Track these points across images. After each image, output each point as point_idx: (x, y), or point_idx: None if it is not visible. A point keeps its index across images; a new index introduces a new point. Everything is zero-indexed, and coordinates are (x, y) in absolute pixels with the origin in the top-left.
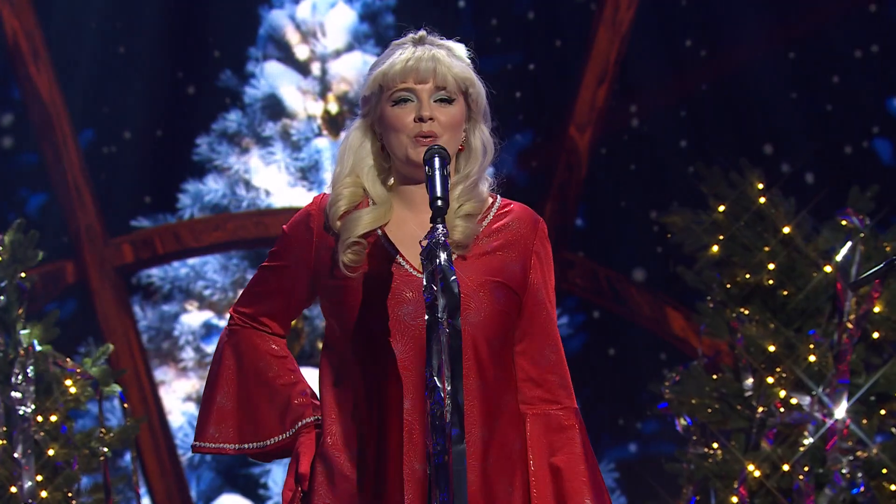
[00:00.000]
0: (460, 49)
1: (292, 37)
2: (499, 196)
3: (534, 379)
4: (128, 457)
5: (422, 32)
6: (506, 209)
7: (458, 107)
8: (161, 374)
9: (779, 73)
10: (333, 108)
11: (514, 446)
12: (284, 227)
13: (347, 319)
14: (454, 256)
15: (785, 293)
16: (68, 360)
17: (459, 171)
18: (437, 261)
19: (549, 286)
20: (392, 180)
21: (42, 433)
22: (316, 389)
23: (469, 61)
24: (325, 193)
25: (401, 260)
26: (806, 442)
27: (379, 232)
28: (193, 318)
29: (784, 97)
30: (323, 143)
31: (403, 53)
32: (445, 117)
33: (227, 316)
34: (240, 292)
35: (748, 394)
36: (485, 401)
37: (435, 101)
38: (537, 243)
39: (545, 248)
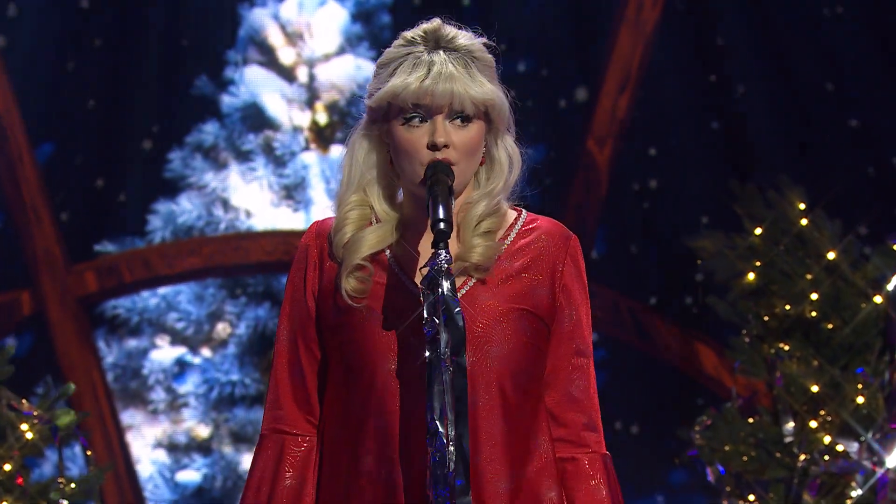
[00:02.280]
0: (480, 49)
1: (276, 39)
2: (524, 210)
3: (556, 419)
4: None
5: (436, 24)
6: (532, 225)
7: (476, 126)
8: (128, 417)
9: (822, 82)
10: (322, 118)
11: (546, 497)
12: (287, 277)
13: (355, 359)
14: (473, 282)
15: (829, 326)
16: (24, 401)
17: (480, 186)
18: (440, 290)
19: (581, 313)
20: (401, 195)
21: None
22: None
23: (490, 61)
24: (317, 221)
25: (412, 286)
26: (854, 494)
27: (387, 254)
28: (165, 354)
29: (832, 112)
30: (310, 157)
31: (418, 67)
32: (462, 140)
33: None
34: (216, 325)
35: (788, 439)
36: (511, 446)
37: (451, 121)
38: (568, 262)
39: (577, 269)
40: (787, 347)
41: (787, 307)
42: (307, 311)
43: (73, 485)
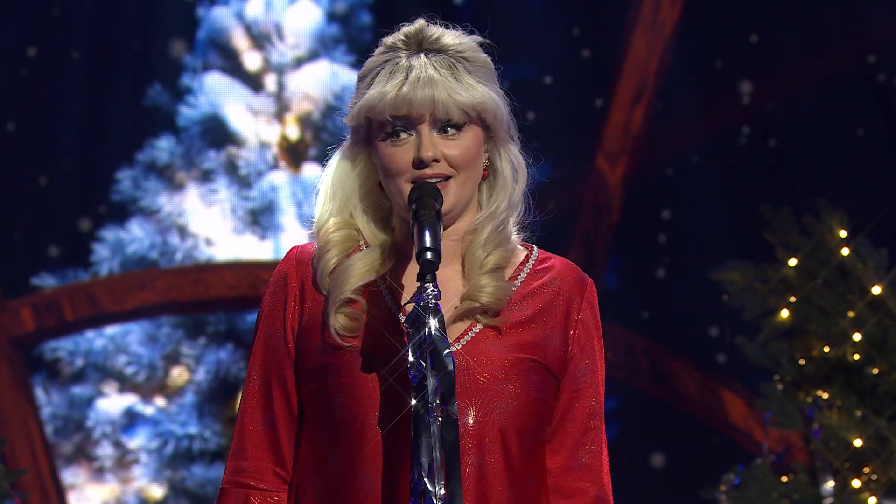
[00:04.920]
0: (471, 49)
1: (240, 41)
2: (535, 247)
3: (562, 489)
4: None
5: (419, 25)
6: (544, 264)
7: (470, 134)
8: (70, 475)
9: (866, 90)
10: (293, 132)
11: None
12: (259, 309)
13: (340, 407)
14: (479, 327)
15: (875, 372)
16: None
17: (483, 206)
18: (426, 329)
19: (596, 367)
20: (393, 219)
21: None
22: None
23: (483, 61)
24: (298, 245)
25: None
26: None
27: (380, 285)
28: (112, 403)
29: (876, 129)
30: (280, 177)
31: (395, 74)
32: (456, 151)
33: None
34: (172, 370)
35: (828, 501)
36: None
37: (439, 132)
38: (584, 310)
39: (593, 318)
40: (825, 395)
41: (826, 349)
42: (285, 350)
43: None
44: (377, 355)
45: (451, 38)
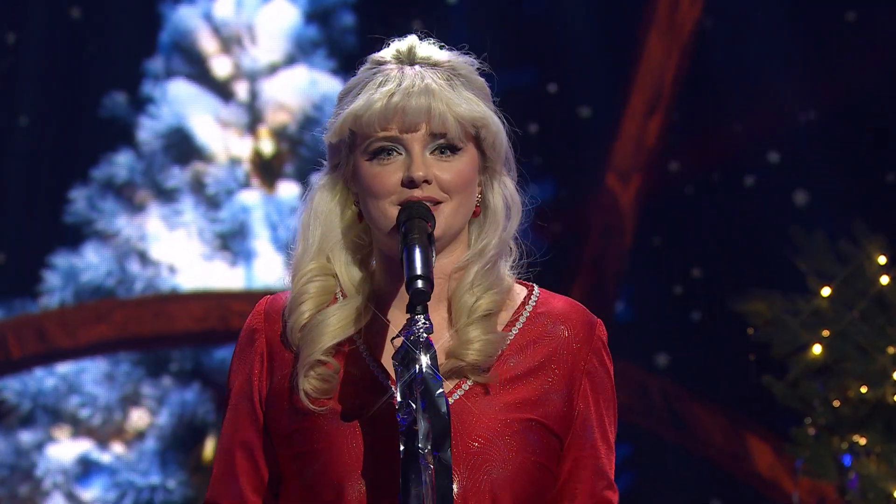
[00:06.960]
0: (468, 68)
1: (208, 44)
2: (536, 286)
3: None
4: None
5: (411, 41)
6: (545, 307)
7: (466, 157)
8: None
9: None
10: (267, 146)
11: None
12: (229, 367)
13: (316, 475)
14: (469, 384)
15: None
16: None
17: (472, 245)
18: (417, 367)
19: (606, 423)
20: (374, 262)
21: None
22: None
23: (481, 84)
24: (269, 297)
25: (389, 381)
26: None
27: (357, 340)
28: (64, 450)
29: None
30: (252, 197)
31: (385, 84)
32: (449, 175)
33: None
34: (131, 413)
35: None
36: None
37: (432, 153)
38: (592, 360)
39: (603, 368)
40: (863, 441)
41: (864, 389)
42: (252, 415)
43: None
44: (354, 418)
45: (447, 55)
